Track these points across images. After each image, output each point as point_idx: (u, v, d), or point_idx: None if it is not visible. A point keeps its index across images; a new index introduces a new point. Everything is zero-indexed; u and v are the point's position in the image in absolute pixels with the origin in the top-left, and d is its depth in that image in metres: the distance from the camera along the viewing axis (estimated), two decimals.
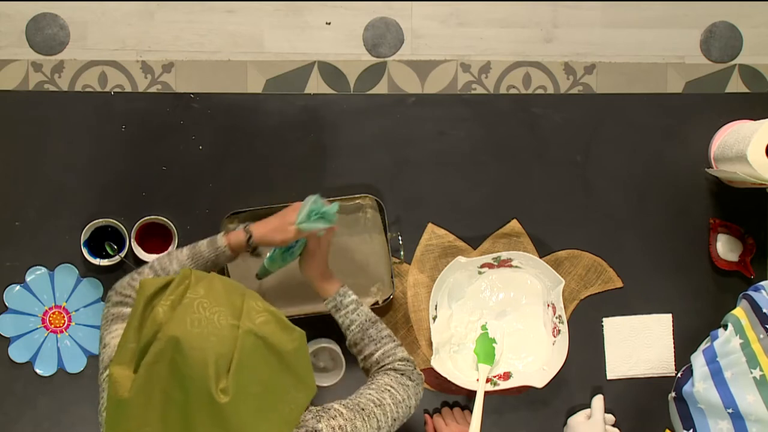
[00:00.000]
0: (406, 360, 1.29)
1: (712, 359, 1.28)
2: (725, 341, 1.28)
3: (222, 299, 1.02)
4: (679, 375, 1.35)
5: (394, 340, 1.31)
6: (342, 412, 1.14)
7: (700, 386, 1.28)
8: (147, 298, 1.01)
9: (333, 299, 1.33)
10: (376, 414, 1.17)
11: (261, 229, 1.30)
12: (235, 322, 1.00)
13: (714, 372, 1.27)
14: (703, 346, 1.34)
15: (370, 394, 1.20)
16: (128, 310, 1.22)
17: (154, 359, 0.98)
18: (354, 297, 1.34)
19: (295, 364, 1.04)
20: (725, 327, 1.31)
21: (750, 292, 1.30)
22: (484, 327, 1.56)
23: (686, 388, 1.31)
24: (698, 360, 1.31)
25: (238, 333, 0.99)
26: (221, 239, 1.29)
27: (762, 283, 1.30)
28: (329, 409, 1.14)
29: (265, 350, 1.01)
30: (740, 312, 1.29)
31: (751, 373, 1.23)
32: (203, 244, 1.30)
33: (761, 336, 1.23)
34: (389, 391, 1.22)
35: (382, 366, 1.28)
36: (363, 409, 1.16)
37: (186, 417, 0.98)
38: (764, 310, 1.24)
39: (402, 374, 1.26)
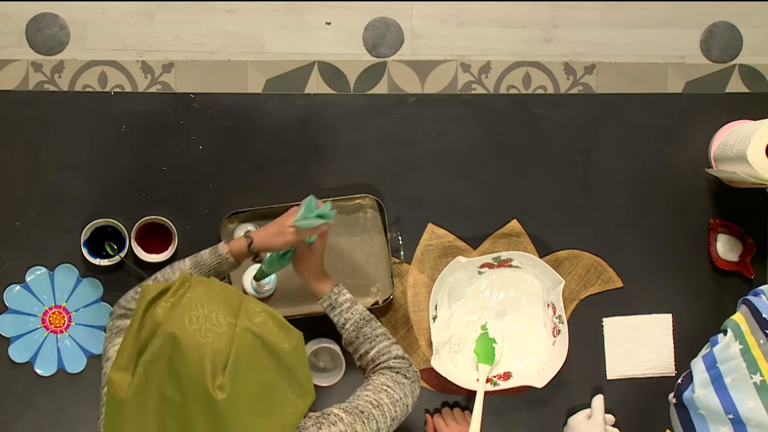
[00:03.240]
0: (401, 358, 1.29)
1: (712, 365, 1.28)
2: (725, 347, 1.27)
3: (220, 299, 1.03)
4: (679, 381, 1.35)
5: (389, 338, 1.32)
6: (342, 417, 1.14)
7: (701, 392, 1.27)
8: (148, 302, 1.01)
9: (327, 297, 1.34)
10: (375, 415, 1.17)
11: (261, 234, 1.31)
12: (233, 320, 1.00)
13: (714, 378, 1.27)
14: (702, 351, 1.33)
15: (367, 395, 1.21)
16: None
17: (152, 357, 0.98)
18: (349, 296, 1.34)
19: (293, 366, 1.04)
20: (725, 332, 1.30)
21: (749, 297, 1.29)
22: (484, 327, 1.56)
23: (686, 394, 1.31)
24: (698, 366, 1.31)
25: (236, 331, 0.99)
26: (223, 247, 1.30)
27: (761, 287, 1.30)
28: (329, 415, 1.14)
29: (263, 349, 1.01)
30: (740, 317, 1.28)
31: (752, 378, 1.22)
32: (205, 254, 1.30)
33: (761, 341, 1.22)
34: (386, 390, 1.22)
35: (378, 364, 1.29)
36: (362, 412, 1.16)
37: (184, 419, 0.98)
38: (764, 315, 1.23)
39: (397, 372, 1.27)
